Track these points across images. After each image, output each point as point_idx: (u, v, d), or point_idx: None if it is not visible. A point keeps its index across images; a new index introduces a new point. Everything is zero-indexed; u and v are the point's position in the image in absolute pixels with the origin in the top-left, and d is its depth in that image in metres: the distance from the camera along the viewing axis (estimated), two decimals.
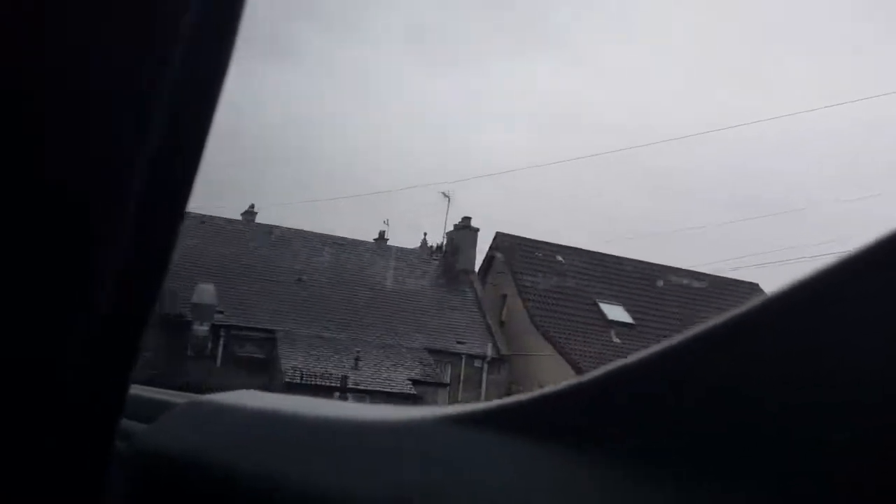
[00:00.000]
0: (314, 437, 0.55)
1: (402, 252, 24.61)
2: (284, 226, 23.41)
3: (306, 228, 23.45)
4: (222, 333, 18.78)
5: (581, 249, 25.40)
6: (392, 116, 42.20)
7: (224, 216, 22.84)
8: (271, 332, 19.31)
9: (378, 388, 17.95)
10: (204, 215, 22.38)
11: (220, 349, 18.78)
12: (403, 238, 24.87)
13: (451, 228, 25.62)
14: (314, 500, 0.49)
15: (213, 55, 0.50)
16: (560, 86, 42.02)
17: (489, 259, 25.14)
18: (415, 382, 18.44)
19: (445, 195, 26.06)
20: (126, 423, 0.63)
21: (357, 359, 18.64)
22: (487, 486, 0.42)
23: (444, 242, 25.59)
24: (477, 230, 25.14)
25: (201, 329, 17.94)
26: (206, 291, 18.03)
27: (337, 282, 21.98)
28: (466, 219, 25.26)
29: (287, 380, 17.33)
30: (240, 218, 23.25)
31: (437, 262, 24.91)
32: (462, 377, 21.05)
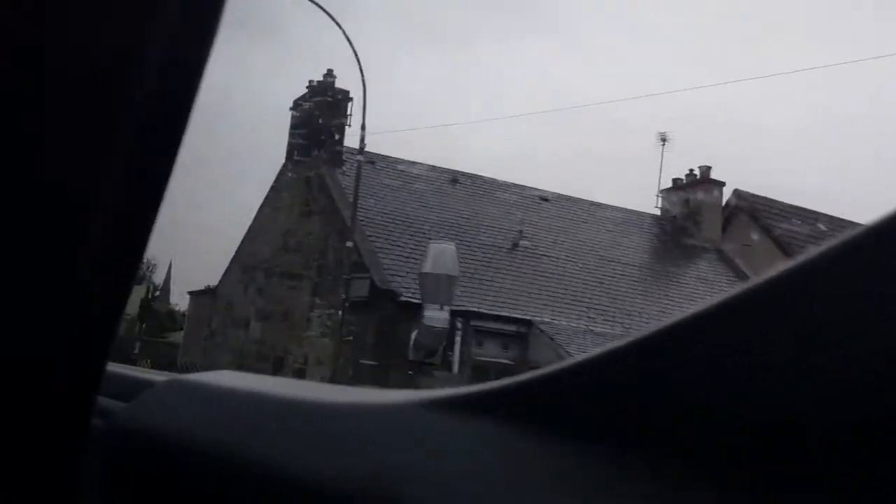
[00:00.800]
0: (292, 417, 0.55)
1: (622, 214, 17.82)
2: (468, 171, 16.59)
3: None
4: (459, 324, 11.77)
5: (840, 219, 18.66)
6: None
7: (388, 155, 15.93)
8: (526, 323, 12.42)
9: None
10: (373, 153, 15.54)
11: (458, 348, 11.77)
12: None
13: (671, 185, 18.86)
14: (291, 479, 0.50)
15: (192, 50, 0.51)
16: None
17: (724, 225, 18.40)
18: None
19: (663, 138, 19.32)
20: (105, 402, 0.64)
21: None
22: (460, 469, 0.42)
23: (661, 202, 18.86)
24: (722, 184, 18.35)
25: (438, 316, 10.99)
26: (443, 255, 11.08)
27: (563, 250, 15.16)
28: (704, 168, 18.46)
29: None
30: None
31: (664, 226, 18.12)
32: None
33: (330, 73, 15.47)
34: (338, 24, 12.26)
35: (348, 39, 12.74)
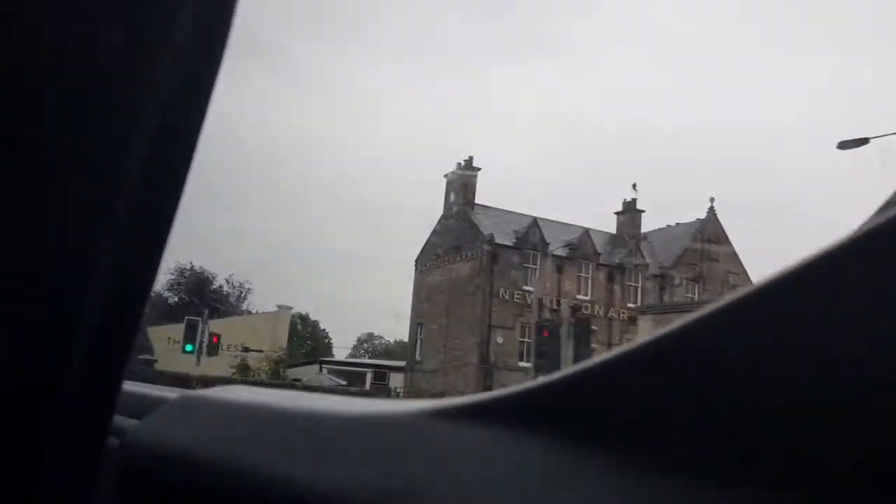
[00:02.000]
0: (302, 430, 0.55)
1: None
2: None
3: None
4: None
5: None
6: None
7: None
8: None
9: None
10: None
11: None
12: None
13: None
14: (302, 492, 0.50)
15: (204, 62, 0.52)
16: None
17: None
18: None
19: None
20: (118, 419, 0.64)
21: None
22: (470, 477, 0.43)
23: None
24: None
25: None
26: None
27: None
28: None
29: None
30: None
31: None
32: None
33: None
34: None
35: None
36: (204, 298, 37.62)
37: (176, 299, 40.56)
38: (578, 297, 26.53)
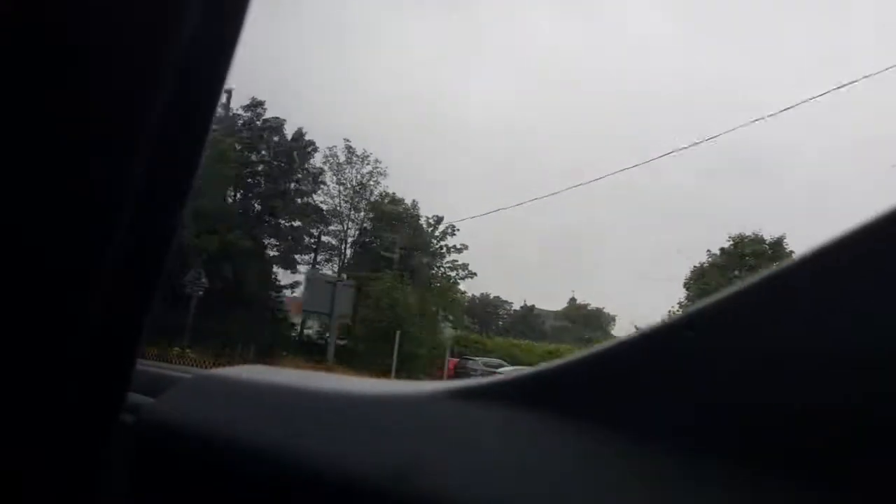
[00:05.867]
0: (317, 410, 0.56)
1: None
2: None
3: None
4: None
5: None
6: None
7: None
8: None
9: None
10: None
11: None
12: None
13: None
14: (316, 471, 0.50)
15: (213, 57, 0.53)
16: None
17: None
18: None
19: None
20: (135, 397, 0.66)
21: None
22: (484, 457, 0.44)
23: None
24: None
25: None
26: None
27: None
28: None
29: None
30: None
31: None
32: None
33: None
34: None
35: None
36: None
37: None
38: None
